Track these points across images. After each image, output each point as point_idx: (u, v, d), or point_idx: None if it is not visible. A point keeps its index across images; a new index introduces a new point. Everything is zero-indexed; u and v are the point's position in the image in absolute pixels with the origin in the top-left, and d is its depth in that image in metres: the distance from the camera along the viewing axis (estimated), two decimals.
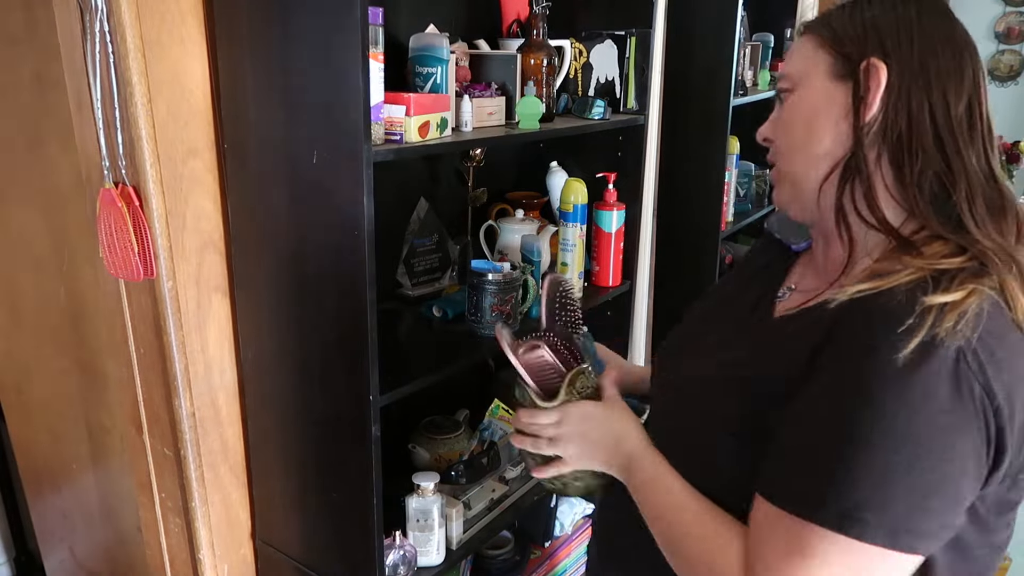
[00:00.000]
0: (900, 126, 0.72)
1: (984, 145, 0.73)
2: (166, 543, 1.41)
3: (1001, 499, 0.70)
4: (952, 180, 0.71)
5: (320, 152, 1.04)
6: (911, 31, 0.73)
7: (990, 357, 0.62)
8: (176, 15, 1.12)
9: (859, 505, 0.63)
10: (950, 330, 0.62)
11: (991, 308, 0.65)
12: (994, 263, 0.67)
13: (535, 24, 1.47)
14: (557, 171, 1.76)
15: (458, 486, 1.43)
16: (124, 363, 1.32)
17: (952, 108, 0.72)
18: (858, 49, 0.74)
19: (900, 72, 0.72)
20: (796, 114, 0.79)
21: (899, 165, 0.73)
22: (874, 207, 0.74)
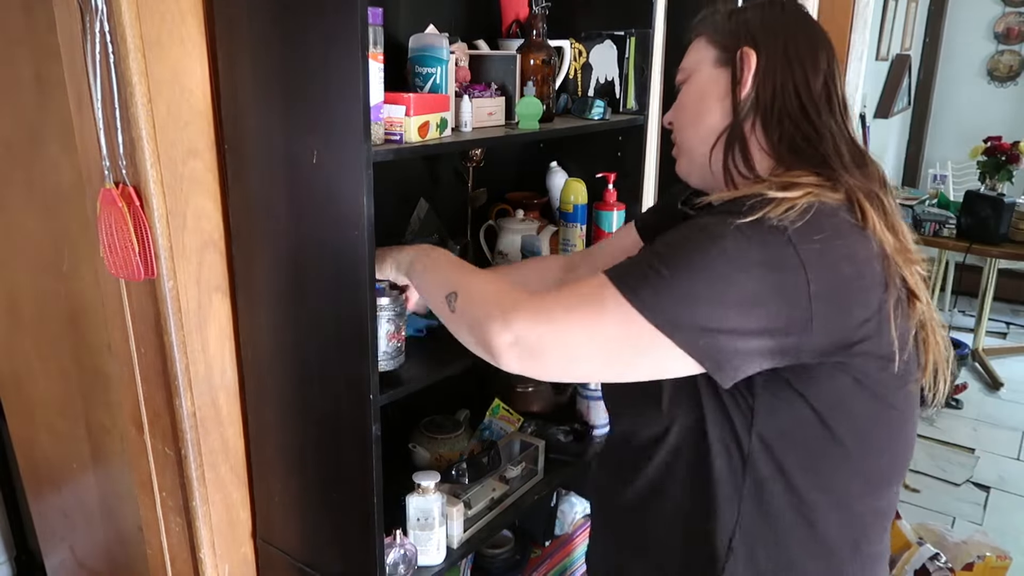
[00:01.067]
0: (767, 98, 0.89)
1: (841, 114, 0.90)
2: (167, 542, 1.42)
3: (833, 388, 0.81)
4: (818, 137, 0.87)
5: (320, 152, 1.04)
6: (775, 26, 0.90)
7: (807, 241, 0.76)
8: (176, 15, 1.12)
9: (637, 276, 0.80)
10: (779, 213, 0.77)
11: (821, 207, 0.79)
12: (847, 183, 0.82)
13: (535, 24, 1.47)
14: (557, 171, 1.76)
15: (458, 485, 1.43)
16: (124, 363, 1.32)
17: (812, 84, 0.88)
18: (735, 42, 0.91)
19: (767, 56, 0.89)
20: (689, 98, 0.97)
21: (768, 128, 0.89)
22: (750, 164, 0.90)
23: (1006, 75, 5.05)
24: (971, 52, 5.15)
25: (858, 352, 0.79)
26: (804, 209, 0.77)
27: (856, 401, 0.83)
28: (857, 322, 0.78)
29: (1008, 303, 4.99)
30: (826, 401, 0.82)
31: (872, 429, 0.86)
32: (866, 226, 0.80)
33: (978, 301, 4.13)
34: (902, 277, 0.82)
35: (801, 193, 0.79)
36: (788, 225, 0.76)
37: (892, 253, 0.81)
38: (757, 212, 0.77)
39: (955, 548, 2.17)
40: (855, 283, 0.78)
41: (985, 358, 4.05)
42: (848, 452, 0.85)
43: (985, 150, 3.76)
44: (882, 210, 0.83)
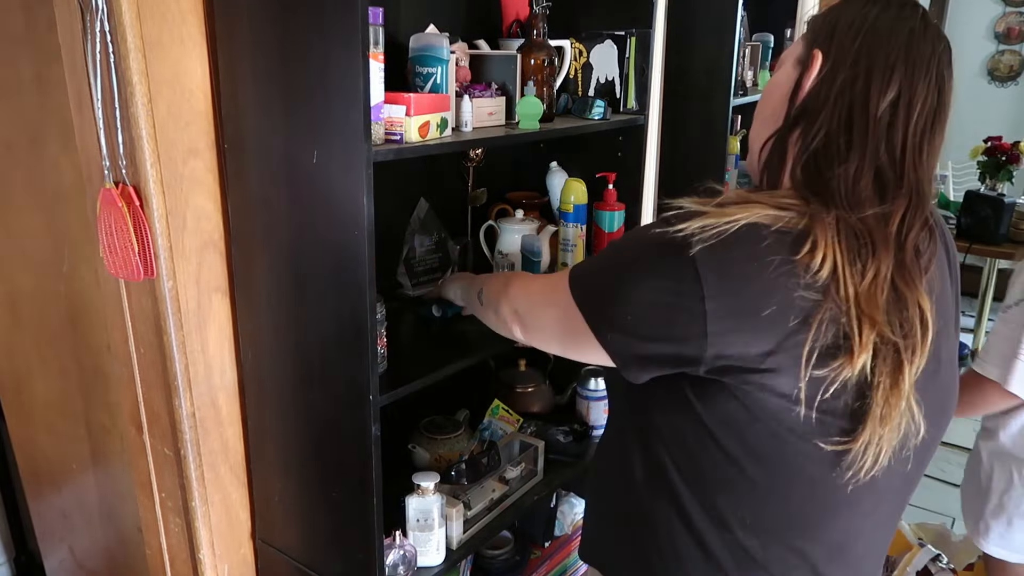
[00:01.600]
0: (815, 107, 0.82)
1: (903, 140, 0.80)
2: (166, 543, 1.42)
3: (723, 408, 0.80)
4: (843, 159, 0.79)
5: (320, 152, 1.04)
6: (860, 30, 0.81)
7: (712, 260, 0.74)
8: (176, 15, 1.12)
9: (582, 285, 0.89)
10: (696, 228, 0.75)
11: (749, 230, 0.75)
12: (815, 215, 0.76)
13: (535, 24, 1.47)
14: (557, 171, 1.76)
15: (458, 486, 1.43)
16: (124, 363, 1.32)
17: (871, 103, 0.79)
18: (815, 38, 0.85)
19: (833, 62, 0.81)
20: (766, 92, 0.93)
21: (804, 139, 0.83)
22: (779, 170, 0.86)
23: (1007, 75, 5.04)
24: (971, 52, 5.15)
25: (754, 382, 0.75)
26: (724, 228, 0.74)
27: (749, 429, 0.79)
28: (757, 352, 0.74)
29: None
30: (715, 416, 0.80)
31: (771, 465, 0.80)
32: (808, 257, 0.73)
33: (978, 301, 4.12)
34: (845, 329, 0.73)
35: (742, 213, 0.75)
36: (696, 241, 0.74)
37: (842, 301, 0.73)
38: (676, 224, 0.77)
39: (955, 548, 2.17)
40: (760, 311, 0.73)
41: None
42: (740, 473, 0.81)
43: (985, 150, 3.76)
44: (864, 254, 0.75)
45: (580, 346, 0.89)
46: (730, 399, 0.78)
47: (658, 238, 0.79)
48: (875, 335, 0.74)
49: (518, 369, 1.82)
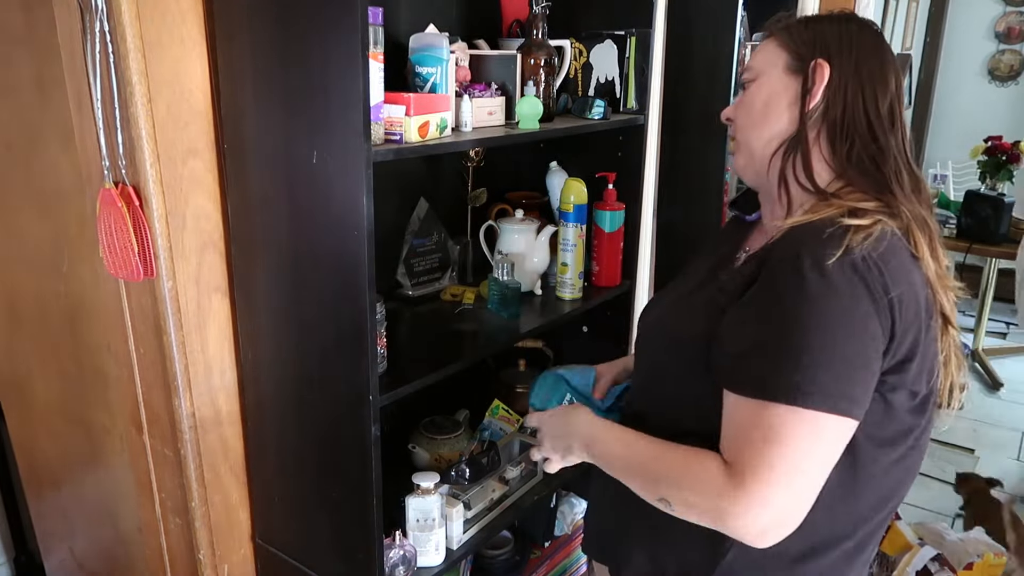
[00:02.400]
0: (837, 113, 0.91)
1: (902, 139, 0.92)
2: (166, 543, 1.41)
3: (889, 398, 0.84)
4: (883, 157, 0.90)
5: (320, 152, 1.04)
6: (850, 42, 0.91)
7: (886, 265, 0.80)
8: (176, 15, 1.12)
9: (805, 379, 0.78)
10: (859, 242, 0.80)
11: (891, 236, 0.83)
12: (904, 214, 0.86)
13: (535, 24, 1.47)
14: (557, 171, 1.76)
15: (458, 486, 1.43)
16: (124, 363, 1.32)
17: (880, 104, 0.90)
18: (809, 51, 0.92)
19: (840, 71, 0.91)
20: (756, 98, 0.97)
21: (833, 142, 0.92)
22: (809, 174, 0.92)
23: (1007, 75, 5.04)
24: (972, 52, 5.14)
25: (904, 376, 0.83)
26: (879, 237, 0.81)
27: (885, 425, 0.85)
28: (910, 345, 0.82)
29: (1008, 303, 4.97)
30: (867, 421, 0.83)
31: (892, 449, 0.88)
32: (919, 255, 0.85)
33: (978, 301, 4.12)
34: (941, 303, 0.87)
35: (870, 221, 0.83)
36: (871, 254, 0.80)
37: (934, 280, 0.86)
38: (840, 243, 0.79)
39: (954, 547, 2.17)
40: (911, 308, 0.82)
41: (985, 358, 4.05)
42: (867, 469, 0.87)
43: (985, 150, 3.76)
44: (929, 237, 0.87)
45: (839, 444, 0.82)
46: (875, 399, 0.83)
47: (842, 268, 0.78)
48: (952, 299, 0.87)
49: (518, 369, 1.82)
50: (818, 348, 0.77)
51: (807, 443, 0.78)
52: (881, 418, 0.85)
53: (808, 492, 0.80)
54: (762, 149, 0.97)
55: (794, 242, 0.83)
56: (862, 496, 0.89)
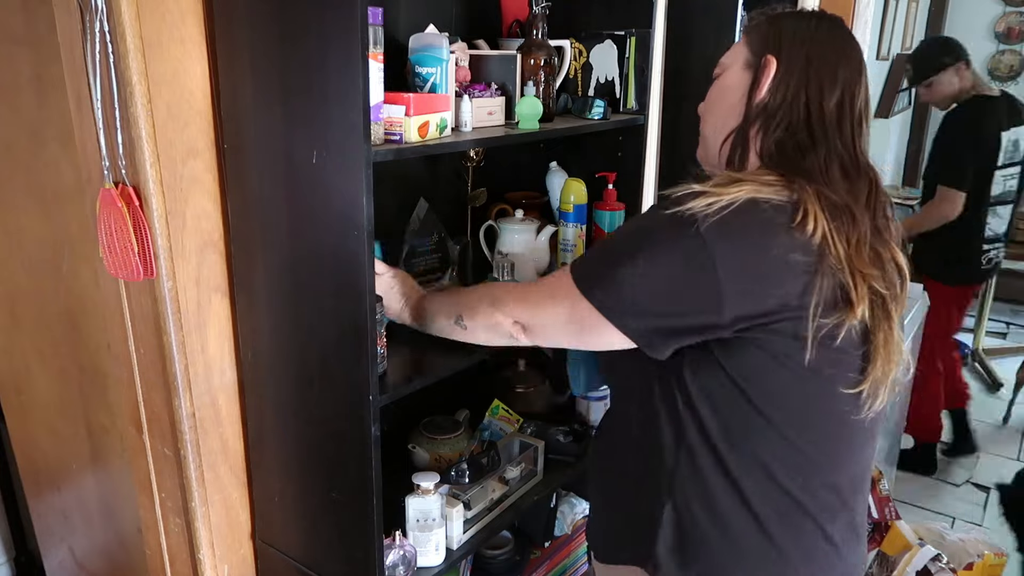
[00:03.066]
0: (775, 106, 0.95)
1: (852, 133, 0.94)
2: (166, 543, 1.41)
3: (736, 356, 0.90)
4: (812, 148, 0.92)
5: (320, 152, 1.04)
6: (804, 38, 0.95)
7: (717, 231, 0.84)
8: (176, 15, 1.12)
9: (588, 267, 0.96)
10: (700, 206, 0.85)
11: (745, 204, 0.86)
12: (801, 189, 0.87)
13: (535, 24, 1.47)
14: (557, 171, 1.76)
15: (458, 486, 1.43)
16: (124, 363, 1.32)
17: (825, 100, 0.93)
18: (763, 47, 0.97)
19: (787, 66, 0.94)
20: (716, 92, 1.05)
21: (767, 133, 0.95)
22: (743, 161, 0.97)
23: (1007, 75, 5.04)
24: (972, 52, 5.11)
25: (774, 330, 0.87)
26: (726, 204, 0.85)
27: (772, 375, 0.90)
28: (772, 305, 0.86)
29: (1008, 303, 4.98)
30: (742, 371, 0.90)
31: (792, 406, 0.92)
32: (802, 228, 0.85)
33: (978, 301, 4.12)
34: (841, 284, 0.86)
35: (738, 190, 0.86)
36: (701, 217, 0.84)
37: (835, 260, 0.86)
38: (681, 204, 0.86)
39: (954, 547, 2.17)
40: (766, 270, 0.85)
41: (985, 358, 4.05)
42: (768, 423, 0.92)
43: None
44: (850, 224, 0.88)
45: (597, 335, 0.95)
46: (754, 351, 0.89)
47: (665, 219, 0.87)
48: (867, 288, 0.87)
49: (518, 369, 1.82)
50: (613, 261, 0.91)
51: (566, 303, 0.97)
52: (766, 368, 0.89)
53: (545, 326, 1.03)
54: (713, 138, 1.03)
55: (661, 198, 0.92)
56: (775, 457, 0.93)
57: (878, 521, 2.25)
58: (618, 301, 0.91)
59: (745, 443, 0.93)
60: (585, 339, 0.99)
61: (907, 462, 3.05)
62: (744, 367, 0.90)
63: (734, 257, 0.85)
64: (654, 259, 0.88)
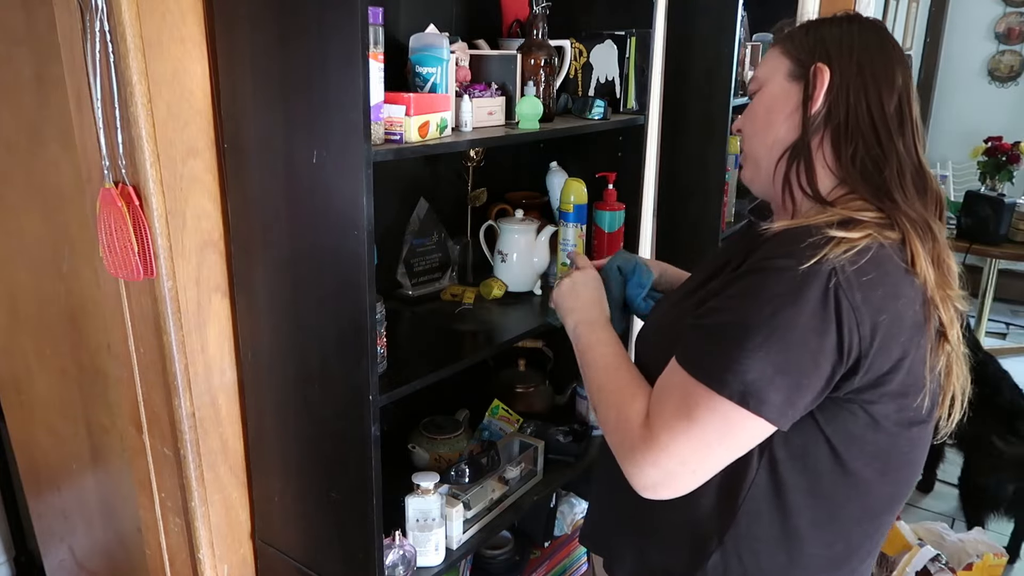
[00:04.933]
0: (840, 116, 0.89)
1: (913, 138, 0.89)
2: (166, 543, 1.41)
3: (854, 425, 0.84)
4: (884, 160, 0.87)
5: (320, 152, 1.04)
6: (851, 43, 0.90)
7: (861, 280, 0.77)
8: (176, 15, 1.12)
9: (731, 372, 0.79)
10: (839, 254, 0.78)
11: (878, 251, 0.80)
12: (903, 224, 0.83)
13: (535, 24, 1.47)
14: (557, 171, 1.76)
15: (458, 486, 1.43)
16: (124, 363, 1.32)
17: (885, 105, 0.88)
18: (809, 56, 0.91)
19: (841, 73, 0.89)
20: (760, 107, 0.97)
21: (837, 147, 0.89)
22: (812, 181, 0.90)
23: (1007, 75, 5.04)
24: (972, 52, 5.14)
25: (885, 392, 0.82)
26: (861, 251, 0.79)
27: (872, 437, 0.85)
28: (892, 362, 0.80)
29: (1008, 303, 4.98)
30: (843, 435, 0.84)
31: (883, 463, 0.88)
32: (914, 267, 0.82)
33: (978, 301, 4.12)
34: (938, 316, 0.84)
35: (862, 234, 0.80)
36: (842, 271, 0.77)
37: (932, 291, 0.83)
38: (817, 252, 0.78)
39: (953, 548, 2.17)
40: (896, 325, 0.80)
41: None
42: (856, 483, 0.87)
43: (986, 150, 3.76)
44: (932, 242, 0.85)
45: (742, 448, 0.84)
46: (859, 413, 0.83)
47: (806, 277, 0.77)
48: (953, 309, 0.85)
49: (518, 369, 1.82)
50: (755, 347, 0.78)
51: (713, 427, 0.81)
52: (865, 431, 0.84)
53: (702, 468, 0.84)
54: (766, 157, 0.95)
55: (776, 244, 0.83)
56: (850, 508, 0.89)
57: None
58: (772, 393, 0.79)
59: (826, 502, 0.88)
60: (723, 457, 0.84)
61: None
62: (846, 430, 0.84)
63: (874, 313, 0.78)
64: (801, 329, 0.77)
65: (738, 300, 0.82)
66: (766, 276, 0.80)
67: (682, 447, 0.83)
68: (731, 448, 0.83)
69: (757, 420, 0.80)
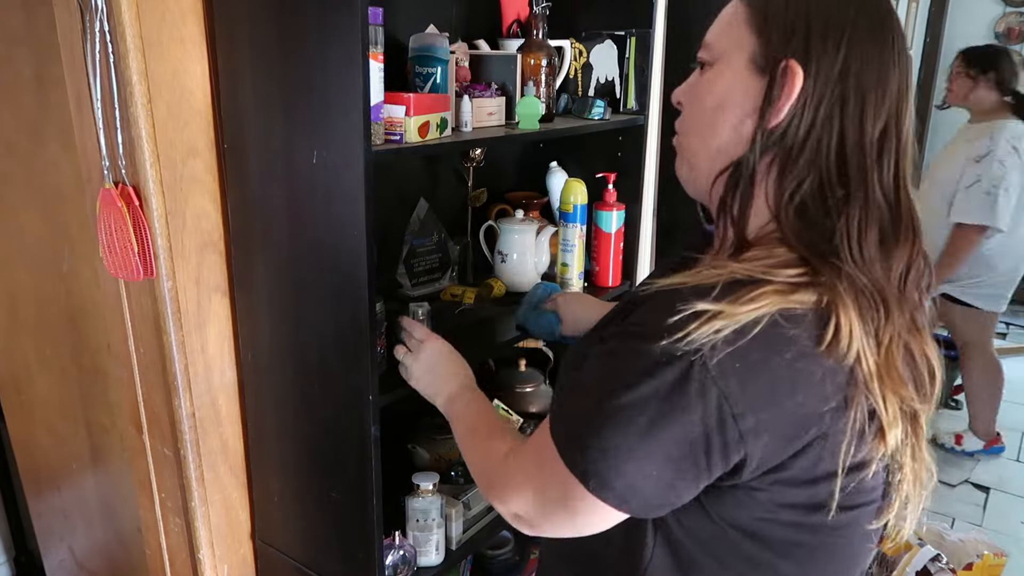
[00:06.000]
0: (798, 136, 0.69)
1: (896, 172, 0.70)
2: (166, 543, 1.41)
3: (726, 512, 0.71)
4: (845, 203, 0.68)
5: (320, 152, 1.04)
6: (842, 34, 0.68)
7: (737, 368, 0.63)
8: (176, 15, 1.12)
9: (579, 445, 0.70)
10: (707, 335, 0.62)
11: (769, 328, 0.63)
12: (834, 288, 0.65)
13: (535, 24, 1.47)
14: (557, 171, 1.76)
15: (458, 486, 1.43)
16: (124, 363, 1.32)
17: (867, 127, 0.68)
18: (783, 41, 0.69)
19: (817, 81, 0.68)
20: (708, 94, 0.76)
21: (784, 176, 0.70)
22: (744, 212, 0.72)
23: None
24: None
25: (781, 480, 0.68)
26: (741, 330, 0.63)
27: (772, 524, 0.71)
28: (790, 452, 0.66)
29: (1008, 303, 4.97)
30: (735, 522, 0.72)
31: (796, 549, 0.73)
32: (834, 343, 0.64)
33: None
34: (870, 407, 0.66)
35: (751, 307, 0.63)
36: (710, 352, 0.62)
37: (866, 376, 0.66)
38: (679, 330, 0.63)
39: (953, 547, 2.17)
40: (793, 412, 0.65)
41: None
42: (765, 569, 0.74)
43: None
44: (882, 319, 0.66)
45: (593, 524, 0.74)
46: (750, 502, 0.70)
47: (660, 356, 0.64)
48: (899, 408, 0.67)
49: (518, 369, 1.82)
50: (600, 428, 0.67)
51: (556, 489, 0.73)
52: (764, 520, 0.71)
53: (553, 519, 0.77)
54: (706, 165, 0.76)
55: (646, 310, 0.70)
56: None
57: None
58: (618, 479, 0.68)
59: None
60: (576, 523, 0.75)
61: None
62: (740, 518, 0.71)
63: (759, 400, 0.64)
64: (663, 420, 0.65)
65: (597, 368, 0.71)
66: (627, 347, 0.68)
67: (536, 491, 0.77)
68: (578, 515, 0.73)
69: (595, 501, 0.69)
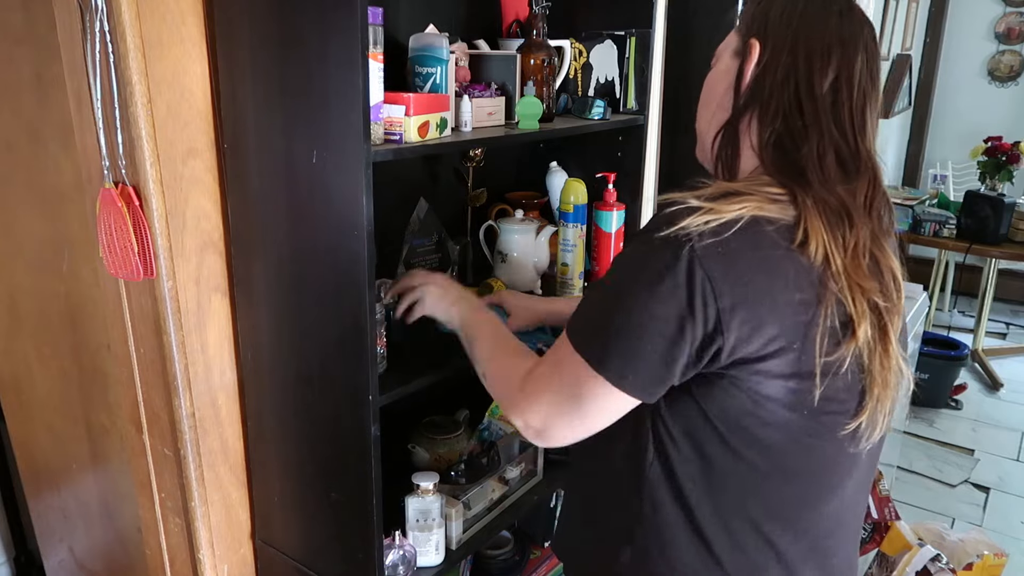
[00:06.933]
0: (764, 93, 0.86)
1: (850, 120, 0.84)
2: (166, 543, 1.41)
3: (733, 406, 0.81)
4: (804, 138, 0.84)
5: (320, 152, 1.04)
6: (792, 18, 0.86)
7: (719, 253, 0.76)
8: (176, 15, 1.12)
9: (583, 329, 0.85)
10: (697, 225, 0.76)
11: (750, 224, 0.77)
12: (803, 203, 0.80)
13: (535, 24, 1.47)
14: (557, 171, 1.76)
15: (458, 486, 1.43)
16: (124, 363, 1.32)
17: (815, 83, 0.84)
18: (749, 29, 0.89)
19: (772, 50, 0.86)
20: (707, 84, 0.98)
21: (762, 124, 0.87)
22: (735, 162, 0.90)
23: (1007, 75, 5.04)
24: (972, 52, 5.15)
25: (761, 370, 0.78)
26: (726, 223, 0.76)
27: (758, 419, 0.81)
28: (765, 339, 0.77)
29: (1008, 303, 4.98)
30: (724, 415, 0.82)
31: (780, 450, 0.83)
32: (805, 247, 0.78)
33: (978, 301, 4.13)
34: (840, 302, 0.78)
35: (736, 206, 0.78)
36: (698, 238, 0.76)
37: (836, 275, 0.78)
38: (675, 223, 0.77)
39: (953, 547, 2.17)
40: (766, 301, 0.77)
41: (985, 358, 4.05)
42: (750, 468, 0.84)
43: (985, 150, 3.76)
44: (848, 229, 0.80)
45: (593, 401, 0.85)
46: (736, 393, 0.80)
47: (658, 243, 0.78)
48: (866, 304, 0.79)
49: None
50: (602, 309, 0.83)
51: (571, 378, 0.85)
52: (746, 412, 0.81)
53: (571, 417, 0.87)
54: (706, 133, 0.96)
55: (652, 217, 0.83)
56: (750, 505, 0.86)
57: (878, 521, 2.25)
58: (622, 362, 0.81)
59: (722, 493, 0.85)
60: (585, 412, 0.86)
61: None
62: (727, 411, 0.81)
63: (736, 283, 0.76)
64: (651, 300, 0.78)
65: (609, 267, 0.87)
66: (631, 245, 0.84)
67: (552, 392, 0.88)
68: (586, 402, 0.85)
69: (599, 379, 0.82)
